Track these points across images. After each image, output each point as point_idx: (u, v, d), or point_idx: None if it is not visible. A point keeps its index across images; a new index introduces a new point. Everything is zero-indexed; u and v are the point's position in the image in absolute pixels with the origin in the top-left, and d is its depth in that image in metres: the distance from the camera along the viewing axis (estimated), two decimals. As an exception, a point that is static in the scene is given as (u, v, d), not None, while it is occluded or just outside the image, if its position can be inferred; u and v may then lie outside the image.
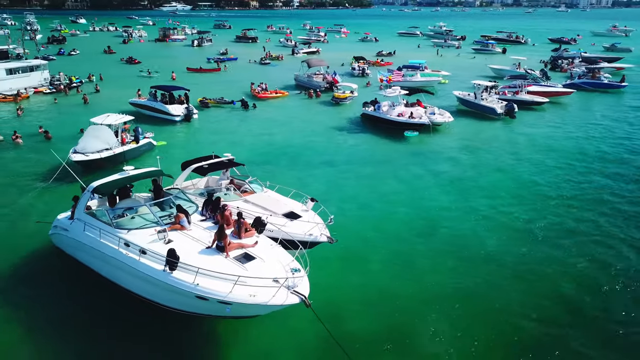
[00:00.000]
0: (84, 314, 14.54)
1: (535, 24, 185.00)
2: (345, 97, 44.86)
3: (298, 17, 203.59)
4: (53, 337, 13.64)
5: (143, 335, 13.85)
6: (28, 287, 15.77)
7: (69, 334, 13.78)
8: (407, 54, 78.01)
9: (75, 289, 15.79)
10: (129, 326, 14.16)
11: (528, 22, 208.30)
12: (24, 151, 28.99)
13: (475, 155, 29.81)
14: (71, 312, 14.66)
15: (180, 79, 54.67)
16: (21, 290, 15.62)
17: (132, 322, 14.29)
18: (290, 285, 12.62)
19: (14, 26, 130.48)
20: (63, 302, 15.15)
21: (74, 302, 15.11)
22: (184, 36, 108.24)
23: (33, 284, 15.97)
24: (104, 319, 14.37)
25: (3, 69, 44.60)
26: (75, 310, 14.74)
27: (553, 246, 18.77)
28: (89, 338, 13.59)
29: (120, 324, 14.23)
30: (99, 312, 14.63)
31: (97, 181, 16.55)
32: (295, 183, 24.28)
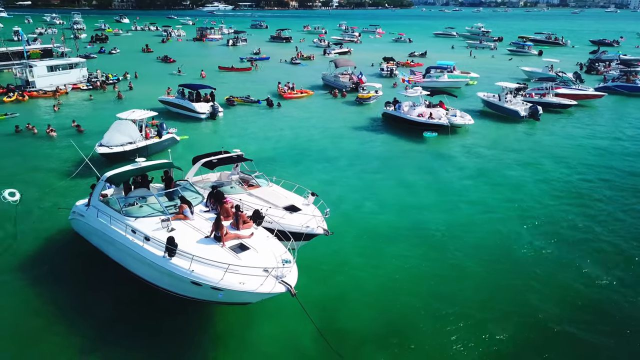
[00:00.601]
0: (92, 294, 15.74)
1: (580, 25, 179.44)
2: (369, 97, 45.24)
3: (336, 17, 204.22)
4: (65, 310, 14.85)
5: (141, 317, 14.83)
6: (47, 265, 17.11)
7: (78, 308, 14.93)
8: (440, 55, 77.44)
9: (88, 270, 16.98)
10: (129, 308, 15.21)
11: (573, 23, 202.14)
12: (56, 143, 30.78)
13: (489, 157, 29.73)
14: (81, 290, 15.91)
15: (212, 77, 56.36)
16: (41, 268, 16.98)
17: (135, 305, 15.32)
18: (279, 275, 13.30)
19: (62, 25, 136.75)
20: (76, 280, 16.41)
21: (85, 281, 16.37)
22: (221, 36, 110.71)
23: (51, 263, 17.30)
24: (110, 298, 15.49)
25: (44, 66, 47.20)
26: (84, 288, 16.00)
27: (555, 253, 18.77)
28: (94, 316, 14.68)
29: (123, 306, 15.28)
30: (107, 292, 15.81)
31: (110, 171, 17.73)
32: (306, 179, 25.09)
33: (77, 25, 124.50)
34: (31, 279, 16.41)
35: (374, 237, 19.50)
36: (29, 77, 45.74)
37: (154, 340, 13.82)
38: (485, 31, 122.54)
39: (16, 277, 16.50)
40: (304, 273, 16.11)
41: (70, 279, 16.53)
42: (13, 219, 20.54)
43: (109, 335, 13.93)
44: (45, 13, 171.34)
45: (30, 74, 45.77)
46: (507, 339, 13.91)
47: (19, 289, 15.89)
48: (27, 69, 46.13)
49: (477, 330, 14.18)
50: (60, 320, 14.49)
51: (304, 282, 15.79)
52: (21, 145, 30.31)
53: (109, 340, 13.72)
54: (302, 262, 16.36)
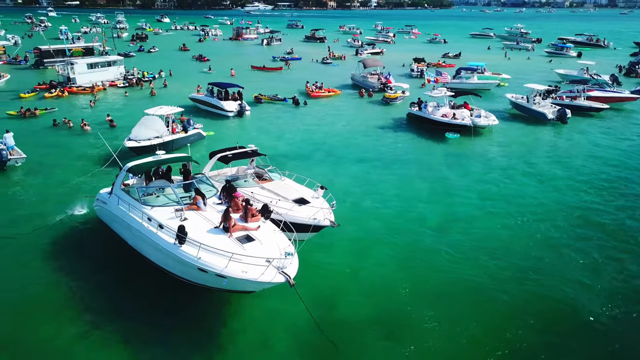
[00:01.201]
0: (108, 276, 16.85)
1: (627, 27, 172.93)
2: (396, 97, 45.41)
3: (374, 17, 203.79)
4: (80, 288, 16.01)
5: (151, 300, 15.78)
6: (72, 249, 18.32)
7: (93, 288, 16.04)
8: (475, 56, 76.45)
9: (109, 254, 18.13)
10: (141, 290, 16.17)
11: (620, 24, 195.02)
12: (89, 137, 32.41)
13: (508, 159, 29.56)
14: (99, 272, 17.06)
15: (243, 76, 57.71)
16: (66, 252, 18.17)
17: (148, 288, 16.29)
18: (280, 266, 13.94)
19: (106, 24, 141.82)
20: (94, 263, 17.60)
21: (103, 264, 17.54)
22: (256, 35, 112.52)
23: (74, 245, 18.59)
24: (124, 281, 16.54)
25: (85, 63, 49.45)
26: (102, 270, 17.14)
27: (565, 256, 18.72)
28: (111, 297, 15.71)
29: (138, 288, 16.25)
30: (123, 275, 16.91)
31: (131, 162, 18.81)
32: (322, 175, 25.79)
33: (120, 25, 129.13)
34: (54, 259, 17.66)
35: (381, 233, 19.93)
36: (70, 74, 48.09)
37: (161, 321, 14.69)
38: (523, 32, 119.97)
39: (41, 256, 17.76)
40: (308, 264, 16.82)
41: (90, 261, 17.67)
42: (44, 204, 21.97)
43: (118, 312, 14.92)
44: (91, 13, 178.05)
45: (71, 71, 48.12)
46: (513, 340, 14.08)
47: (41, 267, 17.17)
48: (68, 66, 48.51)
49: (478, 331, 14.41)
50: (76, 296, 15.67)
51: (307, 272, 16.49)
52: (57, 138, 32.07)
53: (118, 318, 14.68)
54: (308, 253, 17.11)
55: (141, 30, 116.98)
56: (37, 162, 27.57)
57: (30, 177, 25.65)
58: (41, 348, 13.48)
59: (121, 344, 13.66)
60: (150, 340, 13.90)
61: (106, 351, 13.40)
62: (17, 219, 20.62)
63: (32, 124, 35.31)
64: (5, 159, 26.40)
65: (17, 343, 13.63)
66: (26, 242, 18.64)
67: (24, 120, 36.27)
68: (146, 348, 13.62)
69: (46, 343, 13.64)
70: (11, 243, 18.56)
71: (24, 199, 22.86)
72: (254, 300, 15.48)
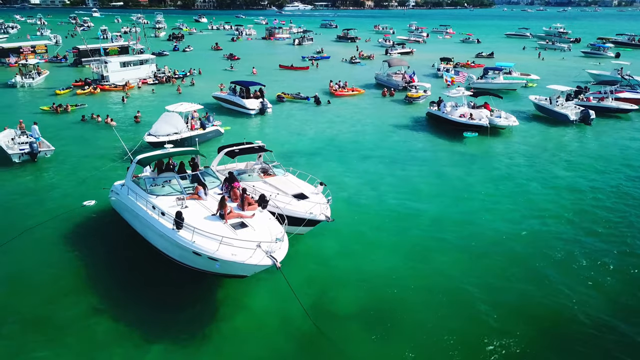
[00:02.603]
0: (118, 263, 17.94)
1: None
2: (418, 97, 45.41)
3: (411, 17, 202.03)
4: (89, 272, 17.08)
5: (150, 284, 16.72)
6: (86, 238, 19.46)
7: (100, 272, 17.12)
8: (508, 56, 75.17)
9: (119, 243, 19.18)
10: (143, 275, 17.13)
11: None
12: (113, 131, 33.83)
13: (524, 160, 29.32)
14: (110, 258, 18.15)
15: (271, 75, 58.94)
16: (80, 241, 19.30)
17: (148, 272, 17.24)
18: (268, 250, 14.60)
19: (146, 24, 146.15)
20: (106, 250, 18.67)
21: (114, 251, 18.60)
22: (289, 35, 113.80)
23: (90, 236, 19.69)
24: (131, 266, 17.55)
25: (118, 62, 51.53)
26: (113, 257, 18.21)
27: (573, 268, 18.64)
28: (118, 283, 16.74)
29: (143, 274, 17.23)
30: (131, 261, 17.92)
31: (141, 155, 19.87)
32: (335, 172, 26.45)
33: (158, 25, 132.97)
34: (68, 247, 18.79)
35: (386, 229, 20.28)
36: (103, 71, 50.22)
37: (159, 303, 15.57)
38: (561, 32, 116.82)
39: (57, 243, 18.97)
40: (306, 255, 17.52)
41: (101, 248, 18.74)
42: (67, 194, 23.36)
43: (122, 295, 15.91)
44: (133, 13, 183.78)
45: (105, 69, 50.24)
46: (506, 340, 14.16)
47: (57, 254, 18.31)
48: (102, 65, 50.67)
49: (471, 328, 14.55)
50: (83, 280, 16.74)
51: (304, 263, 17.17)
52: (85, 132, 33.72)
53: (121, 301, 15.67)
54: (307, 245, 17.77)
55: (178, 30, 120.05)
56: (65, 154, 29.18)
57: (57, 168, 27.20)
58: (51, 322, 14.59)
59: (121, 323, 14.63)
60: (144, 320, 14.80)
61: (109, 331, 14.38)
62: (39, 207, 21.99)
63: (63, 119, 37.24)
64: (36, 151, 27.97)
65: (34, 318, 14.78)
66: (45, 229, 19.84)
67: (56, 116, 38.28)
68: (140, 326, 14.51)
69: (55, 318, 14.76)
70: (32, 231, 19.75)
71: (49, 189, 24.28)
72: (248, 287, 16.17)
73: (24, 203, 22.58)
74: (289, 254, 15.19)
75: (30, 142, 28.17)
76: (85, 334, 14.15)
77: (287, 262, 14.99)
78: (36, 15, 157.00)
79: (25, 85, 49.40)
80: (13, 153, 27.56)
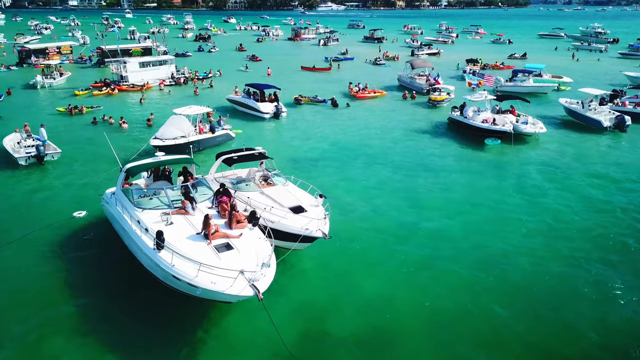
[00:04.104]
0: (104, 275, 17.00)
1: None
2: (442, 100, 43.46)
3: (442, 17, 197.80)
4: (71, 284, 16.18)
5: (133, 304, 15.61)
6: (74, 247, 18.65)
7: (84, 286, 16.17)
8: (541, 58, 71.95)
9: (107, 254, 18.26)
10: (127, 291, 16.04)
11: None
12: (124, 134, 33.42)
13: (550, 170, 27.27)
14: (94, 270, 17.29)
15: (291, 76, 58.00)
16: (68, 250, 18.49)
17: (133, 289, 16.14)
18: (251, 279, 13.28)
19: (175, 25, 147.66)
20: (93, 262, 17.82)
21: (100, 264, 17.70)
22: (315, 35, 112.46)
23: (79, 245, 18.86)
24: (115, 280, 16.49)
25: (137, 62, 51.28)
26: (98, 269, 17.30)
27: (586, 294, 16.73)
28: (97, 293, 15.72)
29: (124, 287, 16.16)
30: (116, 275, 16.91)
31: (130, 163, 18.86)
32: (344, 180, 25.14)
33: (188, 25, 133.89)
34: (57, 255, 18.08)
35: (387, 246, 18.75)
36: (122, 72, 50.02)
37: (137, 324, 14.52)
38: (599, 32, 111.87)
39: (43, 251, 18.26)
40: (299, 273, 16.17)
41: (88, 259, 17.87)
42: (64, 200, 22.66)
43: (110, 312, 14.88)
44: (164, 14, 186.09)
45: (124, 70, 50.02)
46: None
47: (43, 262, 17.65)
48: (121, 65, 50.48)
49: None
50: (66, 294, 15.91)
51: (295, 282, 15.81)
52: (95, 134, 32.97)
53: (98, 322, 14.66)
54: (301, 262, 16.42)
55: (205, 30, 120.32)
56: (72, 158, 28.56)
57: (60, 173, 26.60)
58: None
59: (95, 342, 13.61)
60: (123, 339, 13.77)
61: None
62: (31, 215, 21.29)
63: (76, 121, 36.87)
64: (43, 154, 27.52)
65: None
66: (36, 237, 19.09)
67: (69, 117, 37.97)
68: (111, 347, 13.45)
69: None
70: (15, 244, 18.93)
71: (47, 195, 23.58)
72: (234, 310, 14.93)
73: (18, 210, 21.93)
74: (280, 272, 13.96)
75: (37, 145, 27.79)
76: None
77: (277, 282, 13.91)
78: (69, 17, 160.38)
79: (45, 86, 49.60)
80: (19, 156, 27.21)
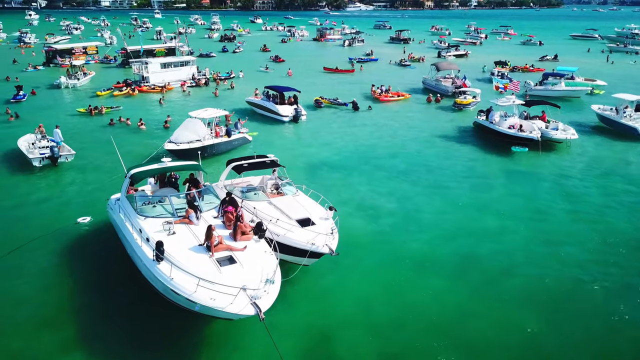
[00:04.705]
0: (107, 282, 16.44)
1: None
2: (468, 103, 41.92)
3: (472, 18, 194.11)
4: (74, 290, 15.65)
5: (134, 315, 14.89)
6: (79, 253, 18.16)
7: (85, 292, 15.63)
8: (573, 60, 69.63)
9: (110, 261, 17.68)
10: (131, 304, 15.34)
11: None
12: (142, 135, 33.05)
13: (579, 181, 25.68)
14: (97, 277, 16.73)
15: (313, 77, 57.11)
16: (72, 256, 18.00)
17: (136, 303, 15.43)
18: (253, 296, 12.41)
19: (202, 25, 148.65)
20: (95, 267, 17.33)
21: (103, 270, 17.17)
22: (340, 36, 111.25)
23: (83, 251, 18.37)
24: (117, 287, 15.81)
25: (158, 63, 51.16)
26: (102, 276, 16.73)
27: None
28: (102, 307, 15.08)
29: (127, 300, 15.47)
30: (116, 284, 16.21)
31: (135, 168, 18.22)
32: (359, 189, 24.17)
33: (214, 26, 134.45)
34: (60, 260, 17.71)
35: (402, 264, 17.58)
36: (143, 73, 49.95)
37: (138, 338, 13.82)
38: (635, 33, 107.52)
39: (48, 256, 17.82)
40: (308, 291, 15.40)
41: (92, 266, 17.33)
42: (66, 203, 22.34)
43: (99, 330, 14.20)
44: (192, 14, 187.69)
45: (145, 71, 49.94)
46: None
47: (47, 266, 17.28)
48: (143, 66, 50.42)
49: None
50: (67, 302, 15.29)
51: (301, 300, 14.96)
52: (110, 136, 32.71)
53: (98, 335, 13.96)
54: (311, 279, 15.57)
55: (230, 31, 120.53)
56: (85, 159, 28.26)
57: (74, 175, 26.27)
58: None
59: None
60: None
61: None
62: (41, 218, 20.92)
63: (95, 122, 36.71)
64: (56, 155, 27.29)
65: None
66: (38, 245, 18.61)
67: (89, 118, 37.88)
68: None
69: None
70: (18, 251, 18.47)
71: (59, 198, 23.30)
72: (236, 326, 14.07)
73: (27, 212, 21.59)
74: (285, 287, 13.37)
75: (51, 147, 27.56)
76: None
77: (282, 297, 13.11)
78: (100, 17, 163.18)
79: (69, 86, 49.87)
80: (33, 157, 26.99)
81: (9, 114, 37.47)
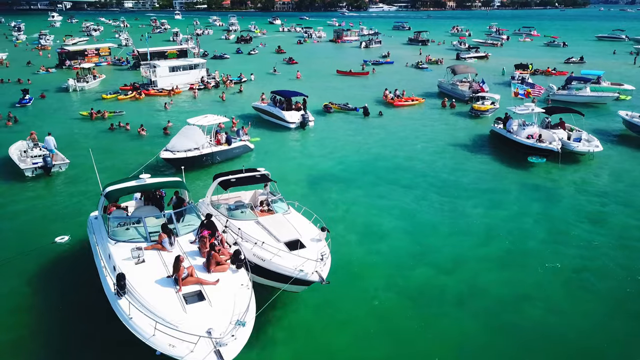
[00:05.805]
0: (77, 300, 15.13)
1: None
2: (486, 110, 39.78)
3: (495, 18, 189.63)
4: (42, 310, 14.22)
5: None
6: (49, 283, 16.77)
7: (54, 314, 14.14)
8: (599, 62, 66.60)
9: (85, 281, 16.14)
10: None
11: None
12: (141, 142, 31.85)
13: (602, 198, 23.51)
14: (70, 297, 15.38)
15: (325, 81, 55.54)
16: (50, 275, 16.85)
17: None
18: (218, 342, 10.89)
19: (221, 27, 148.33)
20: (68, 286, 16.15)
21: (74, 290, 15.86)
22: (357, 37, 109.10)
23: (60, 270, 17.17)
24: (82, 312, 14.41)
25: (166, 66, 50.07)
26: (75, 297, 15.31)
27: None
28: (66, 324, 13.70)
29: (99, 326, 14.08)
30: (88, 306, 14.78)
31: (111, 186, 16.83)
32: (358, 204, 22.66)
33: (232, 27, 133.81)
34: (33, 281, 16.56)
35: (404, 293, 15.89)
36: (152, 76, 48.92)
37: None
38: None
39: (20, 277, 16.68)
40: (295, 322, 14.12)
41: (66, 286, 16.14)
42: (51, 218, 21.18)
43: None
44: (211, 15, 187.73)
45: (153, 74, 48.90)
46: None
47: (18, 287, 16.15)
48: (151, 69, 49.40)
49: None
50: (37, 325, 13.91)
51: (287, 334, 13.58)
52: (109, 143, 31.64)
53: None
54: (298, 307, 14.23)
55: (247, 32, 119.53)
56: (79, 169, 26.97)
57: (64, 187, 25.14)
58: None
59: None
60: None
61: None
62: (22, 235, 19.76)
63: (95, 126, 35.71)
64: (50, 165, 26.20)
65: None
66: (12, 266, 17.42)
67: (90, 122, 36.92)
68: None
69: None
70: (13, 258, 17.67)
71: (45, 212, 22.07)
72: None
73: (9, 228, 20.48)
74: (268, 318, 12.50)
75: (44, 156, 26.48)
76: None
77: (262, 331, 12.27)
78: (119, 18, 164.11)
79: (77, 89, 49.15)
80: (26, 167, 25.92)
81: (8, 119, 36.70)
